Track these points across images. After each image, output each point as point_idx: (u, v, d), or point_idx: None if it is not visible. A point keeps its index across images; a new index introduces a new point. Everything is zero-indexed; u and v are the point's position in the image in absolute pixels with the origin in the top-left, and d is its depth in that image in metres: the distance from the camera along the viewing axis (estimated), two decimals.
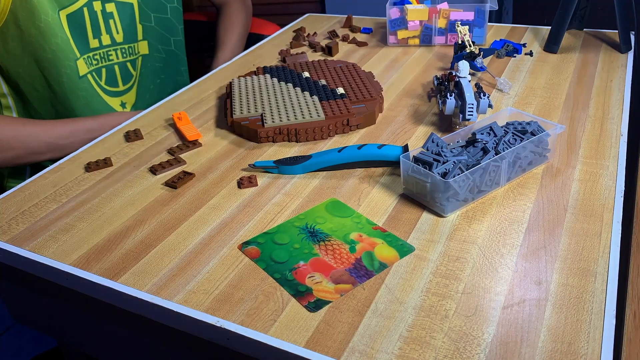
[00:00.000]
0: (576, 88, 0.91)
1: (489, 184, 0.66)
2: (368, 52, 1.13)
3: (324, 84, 0.93)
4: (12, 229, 0.67)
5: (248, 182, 0.72)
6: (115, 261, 0.61)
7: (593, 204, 0.64)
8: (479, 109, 0.77)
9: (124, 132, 0.88)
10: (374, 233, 0.62)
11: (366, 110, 0.85)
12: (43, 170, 0.79)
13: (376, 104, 0.87)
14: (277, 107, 0.86)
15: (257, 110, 0.86)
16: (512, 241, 0.59)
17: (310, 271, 0.57)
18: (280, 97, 0.89)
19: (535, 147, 0.68)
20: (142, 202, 0.70)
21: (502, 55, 1.04)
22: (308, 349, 0.49)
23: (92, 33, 0.97)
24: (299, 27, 1.27)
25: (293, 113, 0.84)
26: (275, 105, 0.86)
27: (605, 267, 0.55)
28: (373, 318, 0.51)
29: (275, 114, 0.84)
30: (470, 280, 0.55)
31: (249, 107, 0.86)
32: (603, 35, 1.12)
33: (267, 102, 0.88)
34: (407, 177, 0.66)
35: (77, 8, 0.93)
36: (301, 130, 0.81)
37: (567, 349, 0.47)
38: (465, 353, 0.47)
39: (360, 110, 0.85)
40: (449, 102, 0.78)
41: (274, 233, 0.63)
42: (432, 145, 0.67)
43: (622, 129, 0.78)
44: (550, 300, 0.52)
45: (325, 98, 0.88)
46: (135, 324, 0.60)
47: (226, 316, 0.52)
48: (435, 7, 1.10)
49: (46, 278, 0.63)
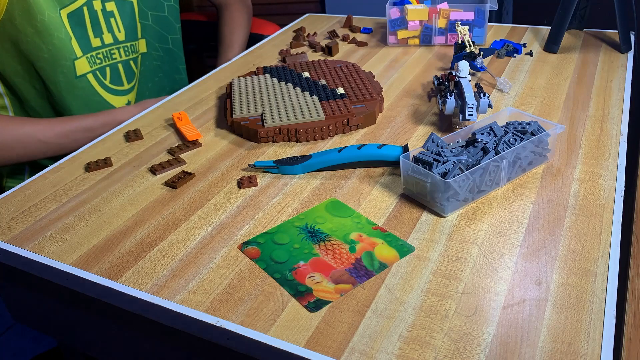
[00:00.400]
0: (576, 88, 0.91)
1: (489, 184, 0.66)
2: (368, 52, 1.13)
3: (324, 84, 0.93)
4: (12, 229, 0.67)
5: (248, 182, 0.72)
6: (115, 261, 0.61)
7: (593, 204, 0.64)
8: (479, 109, 0.77)
9: (124, 132, 0.88)
10: (374, 233, 0.62)
11: (366, 110, 0.85)
12: (43, 170, 0.79)
13: (376, 104, 0.87)
14: (277, 107, 0.86)
15: (257, 110, 0.86)
16: (512, 241, 0.59)
17: (310, 271, 0.57)
18: (280, 97, 0.89)
19: (535, 147, 0.68)
20: (142, 202, 0.70)
21: (502, 55, 1.04)
22: (308, 349, 0.49)
23: (92, 32, 0.97)
24: (299, 27, 1.27)
25: (293, 113, 0.84)
26: (275, 105, 0.86)
27: (605, 267, 0.55)
28: (373, 318, 0.51)
29: (275, 114, 0.84)
30: (470, 280, 0.55)
31: (249, 107, 0.86)
32: (603, 35, 1.12)
33: (267, 102, 0.88)
34: (407, 177, 0.66)
35: (77, 7, 0.93)
36: (301, 130, 0.81)
37: (567, 349, 0.47)
38: (465, 353, 0.47)
39: (360, 110, 0.85)
40: (449, 102, 0.78)
41: (274, 233, 0.63)
42: (432, 145, 0.67)
43: (622, 129, 0.78)
44: (550, 300, 0.52)
45: (325, 98, 0.88)
46: (135, 324, 0.60)
47: (226, 316, 0.52)
48: (435, 7, 1.10)
49: (46, 278, 0.63)
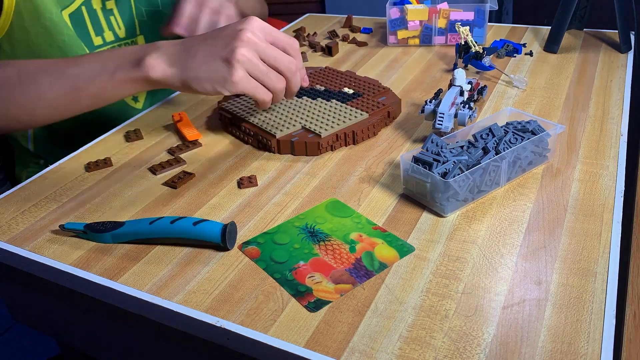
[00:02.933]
0: (576, 88, 0.91)
1: (489, 184, 0.66)
2: (368, 52, 1.13)
3: (323, 88, 0.92)
4: (12, 229, 0.67)
5: (248, 182, 0.72)
6: (115, 261, 0.61)
7: (593, 204, 0.64)
8: (458, 120, 0.77)
9: (124, 132, 0.88)
10: (374, 233, 0.62)
11: (393, 101, 0.86)
12: (43, 170, 0.79)
13: (392, 93, 0.88)
14: (314, 116, 0.82)
15: (294, 125, 0.81)
16: (512, 241, 0.59)
17: (310, 271, 0.57)
18: (302, 107, 0.85)
19: (535, 147, 0.68)
20: (142, 202, 0.70)
21: (502, 55, 1.04)
22: (308, 349, 0.49)
23: (94, 31, 0.97)
24: (299, 27, 1.27)
25: (337, 118, 0.81)
26: (309, 117, 0.82)
27: (605, 267, 0.55)
28: (373, 318, 0.51)
29: (320, 124, 0.80)
30: (470, 280, 0.55)
31: (283, 124, 0.81)
32: (603, 35, 1.12)
33: (295, 115, 0.83)
34: (407, 177, 0.66)
35: (76, 7, 0.93)
36: (358, 131, 0.79)
37: (567, 349, 0.47)
38: (465, 353, 0.47)
39: (388, 102, 0.86)
40: (427, 107, 0.79)
41: (274, 233, 0.63)
42: (431, 146, 0.67)
43: (622, 129, 0.78)
44: (550, 300, 0.52)
45: (345, 100, 0.87)
46: (136, 324, 0.60)
47: (226, 316, 0.52)
48: (435, 7, 1.10)
49: (46, 278, 0.63)
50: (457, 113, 0.76)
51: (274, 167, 0.76)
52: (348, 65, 1.07)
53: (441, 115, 0.76)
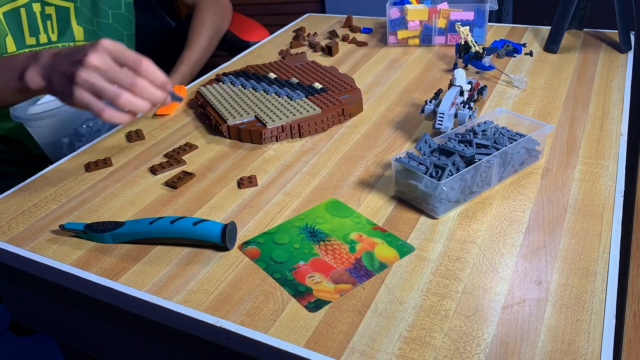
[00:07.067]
0: (576, 88, 0.91)
1: (481, 184, 0.66)
2: (368, 52, 1.13)
3: (297, 81, 0.95)
4: (12, 229, 0.67)
5: (248, 182, 0.72)
6: (115, 261, 0.61)
7: (593, 204, 0.64)
8: (458, 120, 0.77)
9: (125, 132, 0.88)
10: (373, 233, 0.62)
11: (354, 99, 0.88)
12: (43, 170, 0.79)
13: (359, 92, 0.91)
14: (268, 107, 0.86)
15: (248, 113, 0.85)
16: (512, 241, 0.59)
17: (310, 271, 0.57)
18: (264, 98, 0.90)
19: (525, 147, 0.68)
20: (142, 202, 0.70)
21: (502, 55, 1.04)
22: (308, 349, 0.49)
23: (29, 32, 1.00)
24: (299, 27, 1.27)
25: (289, 111, 0.84)
26: (265, 107, 0.87)
27: (605, 267, 0.55)
28: (373, 318, 0.51)
29: (271, 114, 0.84)
30: (470, 280, 0.55)
31: (238, 112, 0.86)
32: (603, 35, 1.11)
33: (255, 105, 0.88)
34: (398, 179, 0.66)
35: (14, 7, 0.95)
36: (304, 125, 0.82)
37: (567, 349, 0.47)
38: (465, 353, 0.47)
39: (349, 100, 0.88)
40: (427, 107, 0.80)
41: (274, 233, 0.63)
42: (424, 146, 0.67)
43: (622, 129, 0.78)
44: (550, 300, 0.52)
45: (308, 94, 0.90)
46: (135, 324, 0.60)
47: (226, 316, 0.52)
48: (435, 7, 1.10)
49: (46, 278, 0.63)
50: (457, 113, 0.77)
51: (274, 167, 0.76)
52: (348, 65, 1.07)
53: (441, 115, 0.76)
